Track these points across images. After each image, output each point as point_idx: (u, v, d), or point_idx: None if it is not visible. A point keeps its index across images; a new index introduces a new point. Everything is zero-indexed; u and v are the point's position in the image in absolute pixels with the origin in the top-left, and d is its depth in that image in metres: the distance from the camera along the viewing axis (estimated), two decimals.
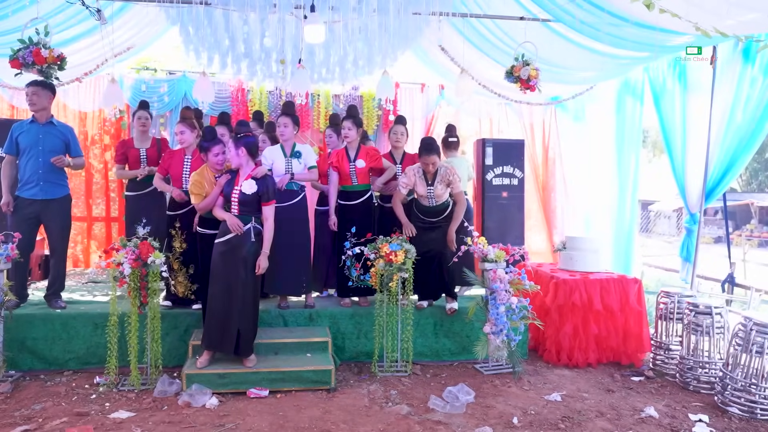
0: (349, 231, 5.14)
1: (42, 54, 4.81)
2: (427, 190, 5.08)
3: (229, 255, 4.36)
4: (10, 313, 4.62)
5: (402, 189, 5.10)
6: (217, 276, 4.40)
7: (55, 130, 5.01)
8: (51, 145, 4.95)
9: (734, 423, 4.10)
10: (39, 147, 4.91)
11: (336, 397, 4.37)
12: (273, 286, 5.20)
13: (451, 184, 5.09)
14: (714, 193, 5.69)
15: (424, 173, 5.07)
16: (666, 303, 5.23)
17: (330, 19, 5.23)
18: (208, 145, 4.61)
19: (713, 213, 22.90)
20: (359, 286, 5.17)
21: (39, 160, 4.89)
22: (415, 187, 5.09)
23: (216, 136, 4.72)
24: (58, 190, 5.04)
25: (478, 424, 3.92)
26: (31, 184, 4.91)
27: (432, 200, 5.12)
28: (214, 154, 4.60)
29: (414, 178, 5.07)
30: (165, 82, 7.70)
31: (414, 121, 8.00)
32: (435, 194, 5.08)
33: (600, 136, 7.43)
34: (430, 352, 5.32)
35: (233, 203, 4.41)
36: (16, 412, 3.99)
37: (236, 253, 4.36)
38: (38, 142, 4.91)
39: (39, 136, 4.91)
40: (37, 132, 4.92)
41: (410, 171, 5.12)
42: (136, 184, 5.65)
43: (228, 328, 4.38)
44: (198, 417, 3.93)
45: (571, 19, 5.02)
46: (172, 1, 5.10)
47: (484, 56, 6.47)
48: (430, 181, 5.07)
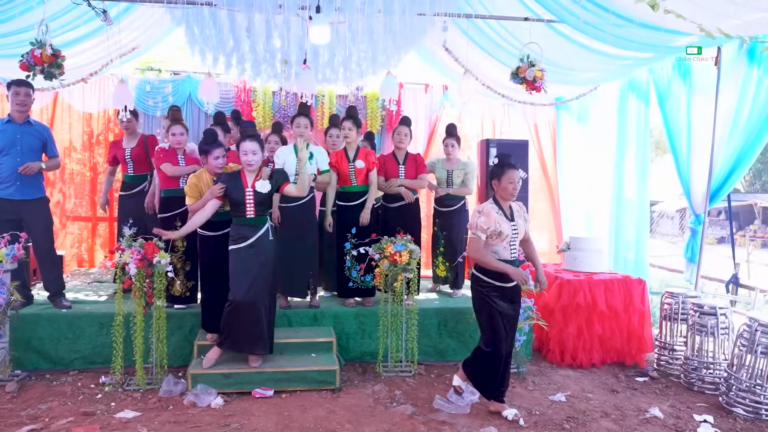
0: (349, 232, 5.16)
1: (36, 54, 4.81)
2: (511, 227, 3.91)
3: (254, 258, 4.34)
4: (16, 313, 4.64)
5: (481, 234, 3.81)
6: (240, 281, 4.35)
7: (33, 130, 4.98)
8: (29, 144, 4.90)
9: (739, 424, 4.10)
10: (17, 147, 4.86)
11: (341, 397, 4.38)
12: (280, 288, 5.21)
13: (527, 221, 4.19)
14: (719, 193, 5.68)
15: (500, 206, 3.93)
16: (670, 303, 5.23)
17: (335, 20, 5.23)
18: (209, 148, 4.55)
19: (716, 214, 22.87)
20: (360, 287, 5.18)
21: (17, 160, 4.82)
22: (497, 227, 3.82)
23: (217, 138, 4.66)
24: (35, 192, 4.96)
25: (483, 425, 3.92)
26: (8, 183, 4.84)
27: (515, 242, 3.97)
28: (215, 157, 4.53)
29: (495, 216, 3.85)
30: (169, 83, 7.71)
31: (418, 122, 8.00)
32: (519, 233, 3.99)
33: (604, 136, 7.42)
34: (435, 352, 5.33)
35: (248, 205, 4.34)
36: (22, 412, 4.01)
37: (260, 255, 4.35)
38: (16, 141, 4.86)
39: (17, 136, 4.87)
40: (15, 131, 4.88)
41: (487, 209, 3.87)
42: (128, 185, 5.68)
43: (263, 330, 4.40)
44: (203, 417, 3.95)
45: (576, 19, 5.01)
46: (178, 1, 5.11)
47: (488, 57, 6.47)
48: (509, 214, 3.95)
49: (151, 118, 7.65)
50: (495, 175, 3.93)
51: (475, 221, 3.85)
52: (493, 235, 3.82)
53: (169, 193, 5.13)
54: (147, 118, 7.65)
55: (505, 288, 3.93)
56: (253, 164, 4.35)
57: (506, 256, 3.91)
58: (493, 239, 3.84)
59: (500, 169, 3.90)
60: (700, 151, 5.80)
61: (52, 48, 4.85)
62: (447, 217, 5.92)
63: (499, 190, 3.93)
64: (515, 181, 3.89)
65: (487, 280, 3.92)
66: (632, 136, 6.96)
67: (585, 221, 7.72)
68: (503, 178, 3.88)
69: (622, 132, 7.06)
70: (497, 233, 3.81)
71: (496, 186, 3.93)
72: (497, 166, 3.95)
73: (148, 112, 7.61)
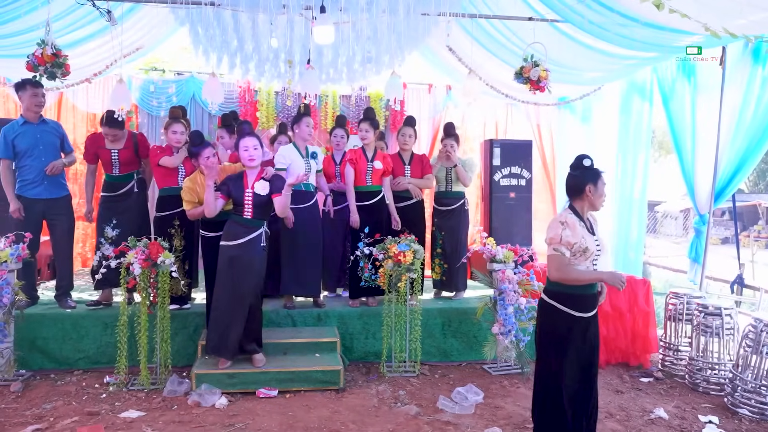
0: (363, 231, 5.14)
1: (37, 54, 4.83)
2: (595, 242, 3.22)
3: (237, 261, 4.31)
4: (21, 313, 4.64)
5: (564, 251, 3.13)
6: (224, 282, 4.36)
7: (50, 128, 5.08)
8: (50, 143, 5.01)
9: (744, 424, 4.09)
10: (39, 147, 4.94)
11: (345, 397, 4.38)
12: (289, 287, 5.22)
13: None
14: (723, 193, 5.66)
15: (581, 217, 3.23)
16: (675, 304, 5.22)
17: (339, 19, 5.23)
18: (198, 150, 4.51)
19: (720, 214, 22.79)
20: (370, 285, 5.17)
21: (42, 160, 4.92)
22: (582, 242, 3.14)
23: (204, 139, 4.63)
24: (60, 190, 5.10)
25: (488, 425, 3.92)
26: (35, 183, 4.94)
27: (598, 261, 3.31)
28: (205, 158, 4.48)
29: (580, 230, 3.16)
30: (173, 83, 7.72)
31: (421, 122, 7.98)
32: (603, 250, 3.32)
33: (606, 136, 7.41)
34: (438, 352, 5.32)
35: (246, 206, 4.33)
36: (27, 411, 4.02)
37: (245, 258, 4.33)
38: (37, 142, 4.94)
39: (37, 136, 4.94)
40: (34, 132, 4.95)
41: (571, 220, 3.17)
42: (112, 185, 5.20)
43: (229, 335, 4.37)
44: (207, 417, 3.95)
45: (581, 19, 5.00)
46: (182, 2, 5.11)
47: (492, 57, 6.46)
48: (590, 227, 3.27)
49: (155, 118, 7.66)
50: (590, 180, 3.19)
51: (558, 234, 3.13)
52: (577, 253, 3.14)
53: (166, 192, 5.06)
54: (151, 118, 7.66)
55: (582, 319, 3.21)
56: (254, 158, 4.33)
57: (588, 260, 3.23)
58: (576, 258, 3.15)
59: (595, 173, 3.22)
60: (705, 151, 5.78)
61: (53, 47, 4.86)
62: (446, 216, 5.84)
63: (594, 197, 3.20)
64: (603, 195, 3.28)
65: (563, 310, 3.18)
66: (635, 136, 6.95)
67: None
68: (599, 183, 3.21)
69: (626, 132, 7.05)
70: (582, 250, 3.14)
71: (591, 193, 3.18)
72: (590, 169, 3.23)
73: (151, 113, 7.62)
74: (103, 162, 5.23)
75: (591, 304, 3.24)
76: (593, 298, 3.26)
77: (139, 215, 5.29)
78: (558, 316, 3.20)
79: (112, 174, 5.22)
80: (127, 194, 5.24)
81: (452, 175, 5.78)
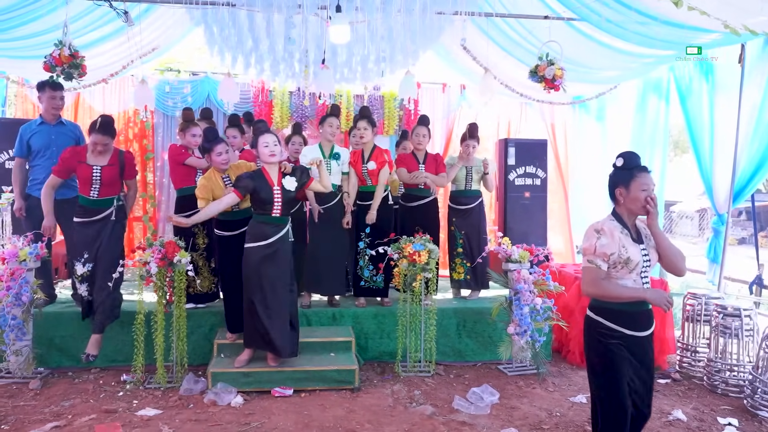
0: (363, 231, 5.16)
1: (54, 54, 4.88)
2: (641, 252, 2.83)
3: (273, 258, 4.33)
4: (40, 311, 4.69)
5: (600, 263, 2.76)
6: (262, 281, 4.33)
7: (66, 130, 5.11)
8: (64, 144, 4.95)
9: (764, 427, 4.03)
10: (52, 148, 4.97)
11: (360, 397, 4.38)
12: (318, 287, 5.27)
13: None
14: (742, 193, 5.59)
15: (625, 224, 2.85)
16: (693, 305, 5.16)
17: (354, 19, 5.23)
18: (210, 146, 4.52)
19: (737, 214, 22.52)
20: (371, 286, 5.18)
21: (54, 161, 4.88)
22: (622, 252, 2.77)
23: (217, 135, 4.63)
24: (69, 191, 4.99)
25: (504, 425, 3.90)
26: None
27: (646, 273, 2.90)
28: (217, 154, 4.50)
29: (619, 238, 2.79)
30: (188, 83, 7.75)
31: (435, 122, 7.96)
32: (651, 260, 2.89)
33: (622, 135, 7.34)
34: (453, 352, 5.31)
35: (276, 204, 4.31)
36: (45, 409, 4.06)
37: (278, 255, 4.35)
38: (51, 142, 4.97)
39: (51, 137, 4.98)
40: (50, 133, 4.99)
41: (609, 227, 2.80)
42: (88, 210, 4.57)
43: (286, 329, 4.40)
44: (224, 415, 3.96)
45: (598, 17, 4.97)
46: (197, 2, 5.13)
47: (507, 56, 6.43)
48: (635, 234, 2.87)
49: (170, 118, 7.69)
50: (620, 181, 2.86)
51: (593, 244, 2.77)
52: (617, 264, 2.78)
53: (185, 192, 5.07)
54: (166, 118, 7.69)
55: (635, 338, 2.84)
56: (275, 154, 4.33)
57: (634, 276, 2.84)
58: (617, 270, 2.79)
59: (627, 173, 2.84)
60: (723, 150, 5.71)
61: (70, 48, 4.90)
62: (464, 215, 5.83)
63: (626, 202, 2.83)
64: (649, 188, 2.82)
65: (609, 326, 2.82)
66: (651, 135, 6.88)
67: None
68: (632, 185, 2.81)
69: (641, 131, 6.98)
70: (623, 261, 2.77)
71: (623, 196, 2.83)
72: (622, 169, 2.88)
73: (167, 113, 7.65)
74: (81, 180, 4.54)
75: (645, 321, 2.87)
76: (647, 315, 2.87)
77: (116, 246, 4.63)
78: (608, 334, 2.83)
79: (89, 196, 4.53)
80: (104, 222, 4.56)
81: (472, 174, 5.78)
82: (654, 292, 2.82)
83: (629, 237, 2.81)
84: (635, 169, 2.84)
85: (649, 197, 2.79)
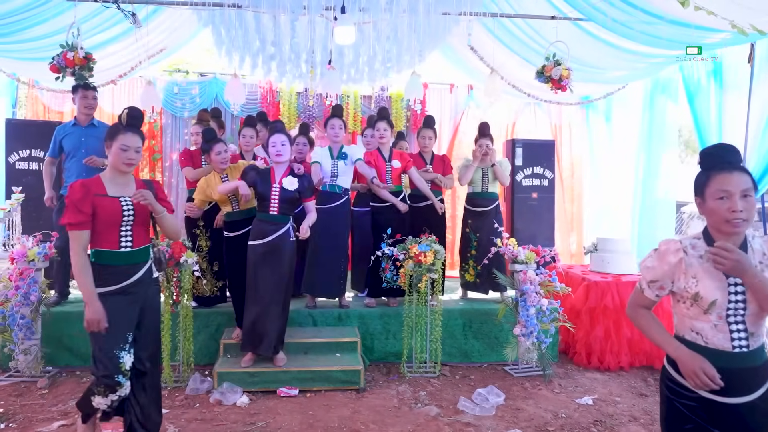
0: (385, 232, 5.14)
1: (68, 56, 4.92)
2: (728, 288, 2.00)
3: (269, 257, 4.33)
4: (48, 310, 4.73)
5: (644, 285, 2.18)
6: (257, 279, 4.36)
7: (98, 132, 5.09)
8: (93, 146, 4.99)
9: None
10: (82, 150, 4.99)
11: (365, 398, 4.38)
12: (311, 287, 5.25)
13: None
14: None
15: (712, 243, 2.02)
16: None
17: (360, 20, 5.24)
18: (209, 146, 4.57)
19: None
20: (393, 287, 5.16)
21: (83, 163, 4.96)
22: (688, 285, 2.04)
23: (216, 135, 4.68)
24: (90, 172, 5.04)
25: (509, 427, 3.89)
26: None
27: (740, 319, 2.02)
28: (216, 153, 4.55)
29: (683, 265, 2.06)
30: (196, 84, 7.80)
31: (442, 122, 7.96)
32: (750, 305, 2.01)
33: (630, 135, 7.30)
34: (459, 353, 5.30)
35: (273, 201, 4.33)
36: (53, 408, 4.09)
37: (276, 254, 4.34)
38: (81, 144, 5.00)
39: (81, 139, 5.02)
40: (80, 135, 5.02)
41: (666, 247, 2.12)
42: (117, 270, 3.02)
43: (267, 331, 4.39)
44: (229, 415, 3.98)
45: (604, 17, 4.95)
46: (205, 3, 5.16)
47: (514, 56, 6.42)
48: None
49: (178, 119, 7.74)
50: (696, 188, 2.09)
51: (642, 263, 2.20)
52: (685, 300, 2.08)
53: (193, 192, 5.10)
54: (174, 119, 7.74)
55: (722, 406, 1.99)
56: (282, 154, 4.34)
57: (717, 343, 2.02)
58: (687, 306, 2.08)
59: (702, 177, 2.06)
60: None
61: (84, 51, 4.95)
62: (481, 218, 5.74)
63: (706, 215, 2.06)
64: (734, 192, 1.95)
65: (680, 381, 2.08)
66: (660, 135, 6.83)
67: (609, 222, 7.61)
68: (707, 192, 2.02)
69: (650, 131, 6.94)
70: (691, 297, 2.06)
71: (701, 207, 2.07)
72: (701, 174, 2.08)
73: (175, 114, 7.70)
74: (103, 223, 2.90)
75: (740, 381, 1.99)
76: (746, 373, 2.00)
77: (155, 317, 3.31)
78: (678, 392, 2.09)
79: (118, 249, 2.95)
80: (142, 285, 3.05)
81: (489, 175, 5.72)
82: (690, 356, 2.01)
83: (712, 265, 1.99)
84: (713, 169, 2.02)
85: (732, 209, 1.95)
